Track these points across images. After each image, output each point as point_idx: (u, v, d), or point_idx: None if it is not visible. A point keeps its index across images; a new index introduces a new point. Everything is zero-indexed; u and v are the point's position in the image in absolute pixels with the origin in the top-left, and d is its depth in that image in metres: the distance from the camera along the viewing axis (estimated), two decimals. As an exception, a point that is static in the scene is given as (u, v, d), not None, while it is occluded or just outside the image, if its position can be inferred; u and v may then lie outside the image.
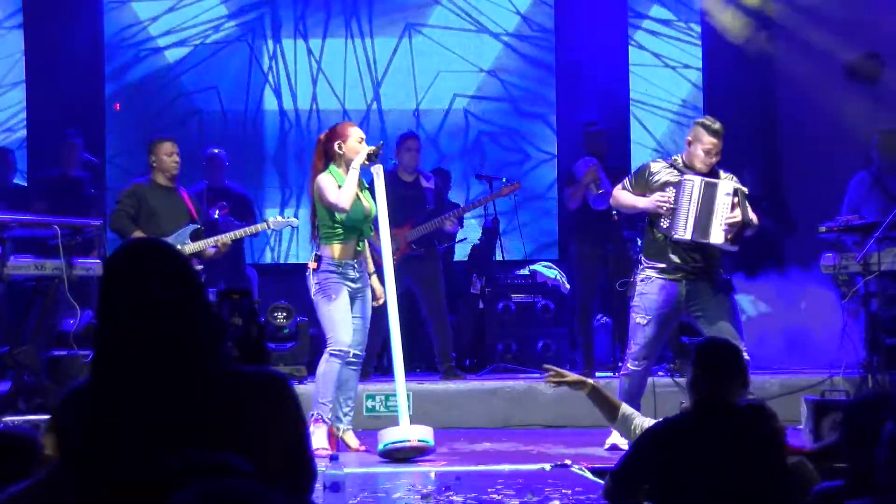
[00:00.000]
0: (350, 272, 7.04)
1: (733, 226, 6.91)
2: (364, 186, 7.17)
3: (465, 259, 10.35)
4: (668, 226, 6.93)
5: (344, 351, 6.99)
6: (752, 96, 10.92)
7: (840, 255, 7.81)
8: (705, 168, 6.97)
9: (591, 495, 5.39)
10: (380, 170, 7.04)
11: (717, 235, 6.91)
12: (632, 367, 7.02)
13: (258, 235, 9.34)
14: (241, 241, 9.16)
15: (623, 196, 7.13)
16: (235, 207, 9.34)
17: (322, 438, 6.93)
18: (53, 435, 2.60)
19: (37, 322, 7.88)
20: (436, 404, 8.30)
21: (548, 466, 6.41)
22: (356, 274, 7.07)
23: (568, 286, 9.90)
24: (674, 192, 6.93)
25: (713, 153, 6.95)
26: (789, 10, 10.56)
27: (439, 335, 9.07)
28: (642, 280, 7.01)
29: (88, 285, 7.95)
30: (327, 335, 7.04)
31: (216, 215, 8.88)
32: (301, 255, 10.33)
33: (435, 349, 9.14)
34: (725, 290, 7.00)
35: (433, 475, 6.30)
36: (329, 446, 6.89)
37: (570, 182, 9.42)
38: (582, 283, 9.44)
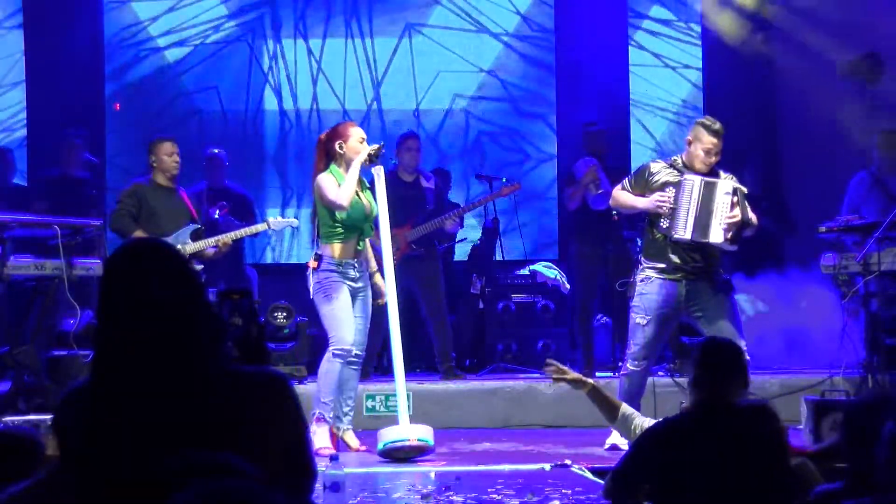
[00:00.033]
0: (351, 271, 7.03)
1: (733, 225, 6.91)
2: (365, 186, 7.17)
3: (465, 259, 10.34)
4: (668, 226, 6.93)
5: (346, 350, 6.98)
6: (752, 96, 10.92)
7: (840, 255, 7.82)
8: (705, 168, 6.97)
9: (591, 495, 5.39)
10: (381, 170, 7.04)
11: (717, 235, 6.90)
12: (631, 368, 7.02)
13: (258, 236, 9.34)
14: (241, 242, 9.16)
15: (622, 196, 7.13)
16: (235, 207, 9.34)
17: (325, 438, 6.93)
18: (54, 435, 2.60)
19: (37, 322, 7.89)
20: (436, 404, 8.29)
21: (548, 466, 6.40)
22: (357, 273, 7.06)
23: (568, 286, 9.90)
24: (673, 192, 6.93)
25: (713, 153, 6.95)
26: (788, 12, 10.57)
27: (439, 335, 9.07)
28: (642, 280, 7.01)
29: (88, 285, 7.95)
30: (329, 334, 7.03)
31: (216, 215, 8.88)
32: (302, 256, 10.32)
33: (435, 349, 9.13)
34: (725, 290, 6.99)
35: (433, 475, 6.30)
36: (332, 445, 6.90)
37: (570, 182, 9.42)
38: (582, 283, 9.44)
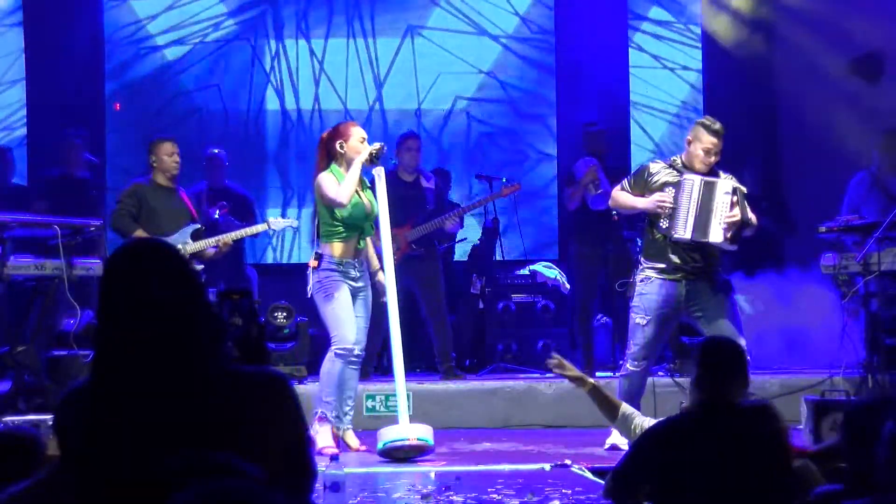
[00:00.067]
0: (351, 271, 7.02)
1: (732, 225, 6.91)
2: (366, 185, 7.15)
3: (465, 259, 10.34)
4: (668, 226, 6.93)
5: (348, 349, 6.98)
6: (752, 97, 10.91)
7: (840, 255, 7.81)
8: (704, 168, 6.97)
9: (591, 495, 5.39)
10: (381, 171, 7.03)
11: (717, 234, 6.90)
12: (631, 368, 7.02)
13: (259, 236, 9.34)
14: (242, 242, 9.15)
15: (622, 197, 7.13)
16: (235, 207, 9.33)
17: (328, 437, 6.94)
18: (54, 435, 2.60)
19: (37, 322, 7.88)
20: (436, 404, 8.29)
21: (548, 466, 6.40)
22: (357, 273, 7.05)
23: (568, 286, 9.90)
24: (673, 193, 6.93)
25: (713, 152, 6.95)
26: (787, 13, 10.57)
27: (439, 335, 9.06)
28: (642, 280, 7.01)
29: (88, 285, 7.95)
30: (332, 333, 7.02)
31: (216, 215, 8.88)
32: (303, 256, 10.33)
33: (435, 349, 9.13)
34: (725, 291, 6.99)
35: (433, 475, 6.30)
36: (335, 444, 6.91)
37: (570, 182, 9.42)
38: (582, 283, 9.45)
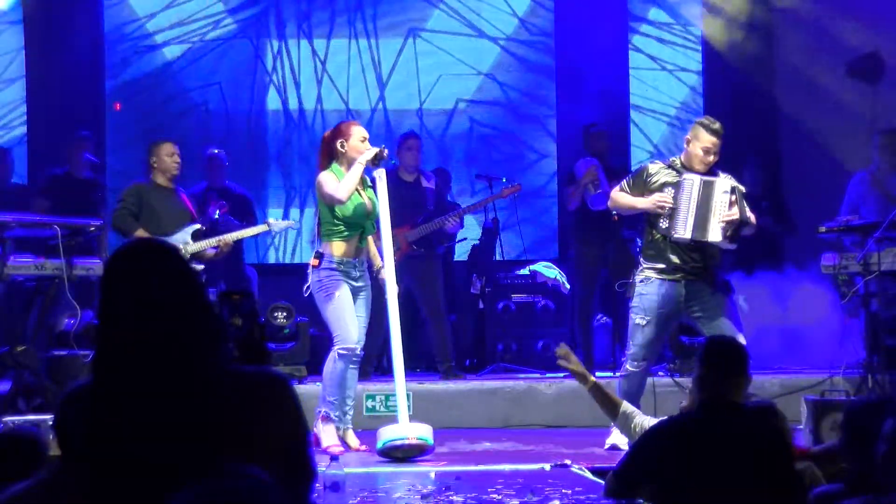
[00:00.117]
0: (352, 271, 7.02)
1: (731, 224, 6.91)
2: (367, 185, 7.15)
3: (465, 259, 10.33)
4: (668, 226, 6.93)
5: (351, 349, 6.98)
6: (752, 97, 10.90)
7: (840, 255, 7.81)
8: (703, 168, 6.97)
9: (591, 495, 5.39)
10: (383, 174, 7.02)
11: (716, 233, 6.91)
12: (630, 369, 7.02)
13: (260, 236, 9.34)
14: (241, 242, 9.15)
15: (621, 197, 7.13)
16: (235, 207, 9.33)
17: (332, 436, 6.94)
18: (55, 435, 2.60)
19: (37, 322, 7.89)
20: (436, 404, 8.29)
21: (548, 466, 6.40)
22: (358, 273, 7.05)
23: (568, 286, 9.90)
24: (672, 193, 6.93)
25: (712, 152, 6.95)
26: (785, 14, 10.57)
27: (439, 335, 9.06)
28: (641, 281, 7.01)
29: (88, 285, 7.95)
30: (334, 333, 7.02)
31: (216, 215, 8.88)
32: (305, 256, 10.32)
33: (435, 349, 9.13)
34: (724, 290, 7.00)
35: (433, 475, 6.29)
36: (339, 443, 6.91)
37: (571, 182, 9.43)
38: (582, 283, 9.45)
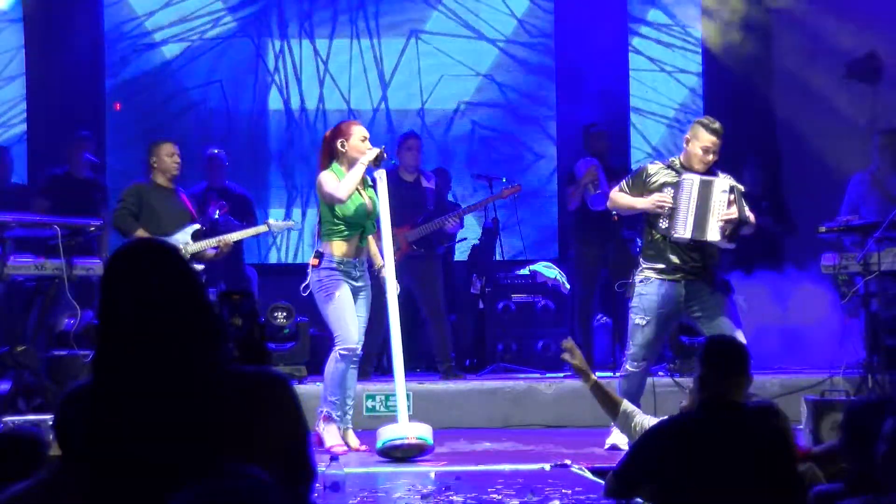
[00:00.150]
0: (352, 271, 7.02)
1: (730, 223, 6.92)
2: (368, 184, 7.15)
3: (465, 259, 10.33)
4: (668, 226, 6.94)
5: (352, 349, 6.98)
6: (752, 98, 10.90)
7: (840, 256, 7.81)
8: (703, 167, 6.98)
9: (592, 495, 5.39)
10: (383, 174, 7.02)
11: (714, 233, 6.91)
12: (630, 369, 7.02)
13: (261, 236, 9.34)
14: (242, 242, 9.15)
15: (620, 198, 7.13)
16: (235, 207, 9.33)
17: (335, 435, 6.94)
18: (55, 435, 2.60)
19: (37, 322, 7.89)
20: (436, 404, 8.29)
21: (548, 466, 6.40)
22: (358, 273, 7.05)
23: (568, 286, 9.90)
24: (672, 193, 6.93)
25: (711, 151, 6.95)
26: (784, 15, 10.57)
27: (439, 335, 9.06)
28: (641, 281, 7.02)
29: (88, 285, 7.95)
30: (335, 333, 7.01)
31: (216, 215, 8.88)
32: (306, 256, 10.31)
33: (435, 349, 9.13)
34: (724, 290, 7.00)
35: (433, 475, 6.29)
36: (342, 443, 6.92)
37: (571, 182, 9.43)
38: (582, 283, 9.45)
